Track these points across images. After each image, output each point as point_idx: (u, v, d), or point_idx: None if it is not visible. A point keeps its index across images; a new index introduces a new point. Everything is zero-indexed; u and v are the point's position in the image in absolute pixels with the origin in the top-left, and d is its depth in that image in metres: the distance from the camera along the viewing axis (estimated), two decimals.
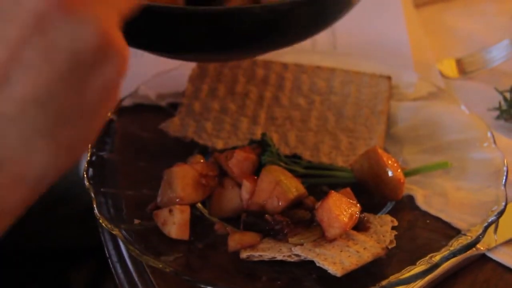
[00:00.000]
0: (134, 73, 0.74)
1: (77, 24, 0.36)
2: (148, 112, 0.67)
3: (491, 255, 0.55)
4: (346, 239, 0.52)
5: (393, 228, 0.54)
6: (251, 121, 0.65)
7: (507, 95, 0.68)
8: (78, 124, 0.38)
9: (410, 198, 0.58)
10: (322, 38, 0.77)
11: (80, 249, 0.84)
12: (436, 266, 0.50)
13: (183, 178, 0.55)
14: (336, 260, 0.50)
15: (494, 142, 0.60)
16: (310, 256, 0.50)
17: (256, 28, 0.56)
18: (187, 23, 0.55)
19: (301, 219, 0.54)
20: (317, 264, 0.50)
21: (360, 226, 0.53)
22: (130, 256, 0.55)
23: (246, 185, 0.55)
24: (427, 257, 0.50)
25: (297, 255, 0.51)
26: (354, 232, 0.52)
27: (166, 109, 0.67)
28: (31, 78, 0.36)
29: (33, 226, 0.80)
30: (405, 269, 0.50)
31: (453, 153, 0.61)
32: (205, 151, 0.62)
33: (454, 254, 0.51)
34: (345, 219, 0.51)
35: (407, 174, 0.58)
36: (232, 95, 0.67)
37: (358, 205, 0.53)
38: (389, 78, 0.70)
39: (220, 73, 0.69)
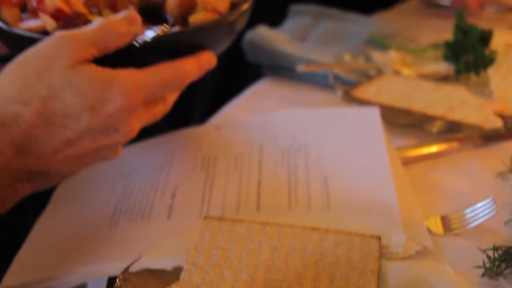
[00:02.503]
0: (139, 239, 0.80)
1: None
2: (153, 277, 0.71)
3: None
4: None
5: None
6: (249, 283, 0.69)
7: (490, 253, 0.72)
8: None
9: None
10: (317, 199, 0.83)
11: None
12: None
13: None
14: None
15: None
16: None
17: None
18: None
19: None
20: None
21: None
22: None
23: None
24: None
25: None
26: None
27: (171, 273, 0.72)
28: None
29: None
30: None
31: None
32: None
33: None
34: None
35: None
36: (232, 260, 0.72)
37: None
38: (378, 238, 0.74)
39: (220, 240, 0.74)
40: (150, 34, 0.74)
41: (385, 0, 1.41)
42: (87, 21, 0.76)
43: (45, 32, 0.75)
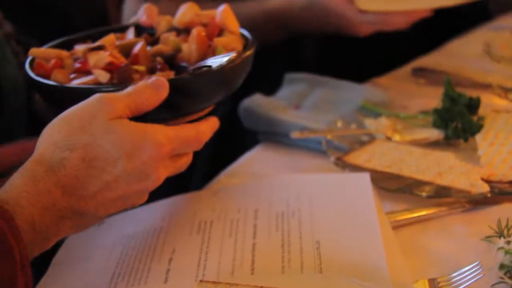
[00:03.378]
0: None
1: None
2: None
3: None
4: None
5: None
6: None
7: None
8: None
9: None
10: (309, 263, 0.85)
11: None
12: None
13: None
14: None
15: None
16: None
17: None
18: None
19: None
20: None
21: None
22: None
23: None
24: None
25: None
26: None
27: None
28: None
29: None
30: None
31: None
32: None
33: None
34: None
35: None
36: None
37: None
38: None
39: None
40: (221, 59, 0.85)
41: (377, 68, 1.46)
42: (134, 70, 0.87)
43: (98, 84, 0.85)
